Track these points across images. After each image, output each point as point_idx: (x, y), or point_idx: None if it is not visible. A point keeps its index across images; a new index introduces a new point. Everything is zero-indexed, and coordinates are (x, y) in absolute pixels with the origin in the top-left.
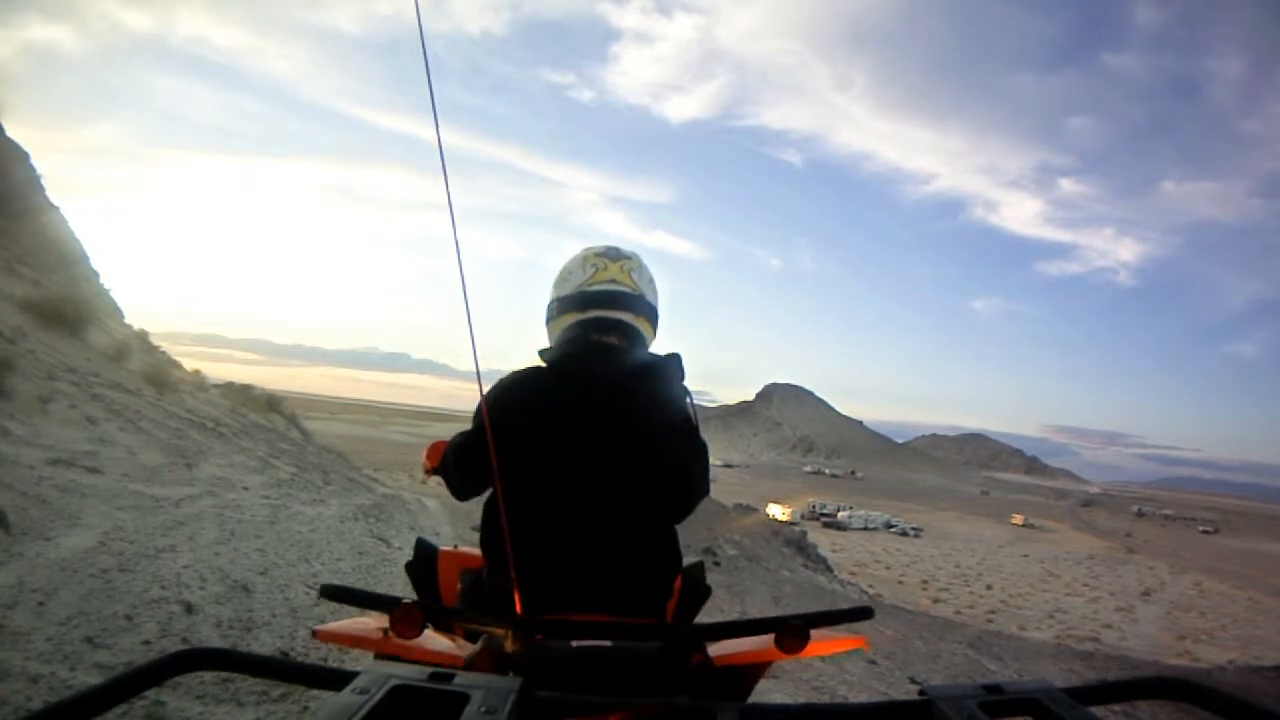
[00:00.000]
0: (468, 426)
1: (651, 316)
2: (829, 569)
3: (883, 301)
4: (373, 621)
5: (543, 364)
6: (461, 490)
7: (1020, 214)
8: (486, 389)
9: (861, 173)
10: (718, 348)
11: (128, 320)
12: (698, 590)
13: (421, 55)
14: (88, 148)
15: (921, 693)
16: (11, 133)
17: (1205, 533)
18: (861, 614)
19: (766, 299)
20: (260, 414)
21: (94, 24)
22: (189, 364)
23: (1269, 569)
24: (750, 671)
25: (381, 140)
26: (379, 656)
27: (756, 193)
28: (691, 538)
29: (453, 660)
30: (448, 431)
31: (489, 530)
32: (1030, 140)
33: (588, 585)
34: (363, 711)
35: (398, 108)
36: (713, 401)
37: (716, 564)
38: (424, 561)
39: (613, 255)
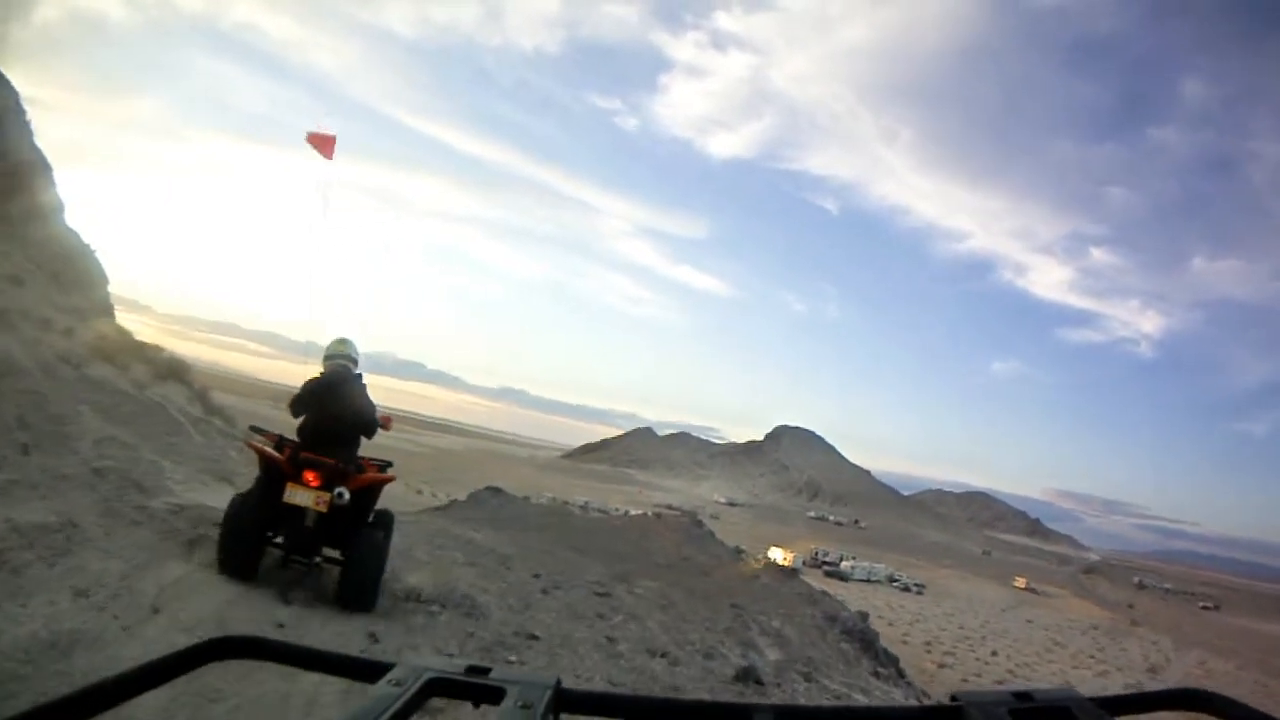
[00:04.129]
0: (468, 439)
1: (356, 359)
2: (901, 675)
3: (901, 354)
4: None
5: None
6: (294, 415)
7: (1048, 279)
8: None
9: (896, 226)
10: (732, 386)
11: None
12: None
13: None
14: (127, 119)
15: (954, 698)
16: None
17: (1206, 608)
18: None
19: (785, 342)
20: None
21: None
22: (201, 351)
23: (1271, 649)
24: None
25: (419, 146)
26: (265, 463)
27: (788, 236)
28: (713, 616)
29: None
30: (448, 443)
31: (300, 433)
32: (1066, 207)
33: (330, 453)
34: (399, 703)
35: (440, 115)
36: (721, 438)
37: (759, 684)
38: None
39: (341, 339)
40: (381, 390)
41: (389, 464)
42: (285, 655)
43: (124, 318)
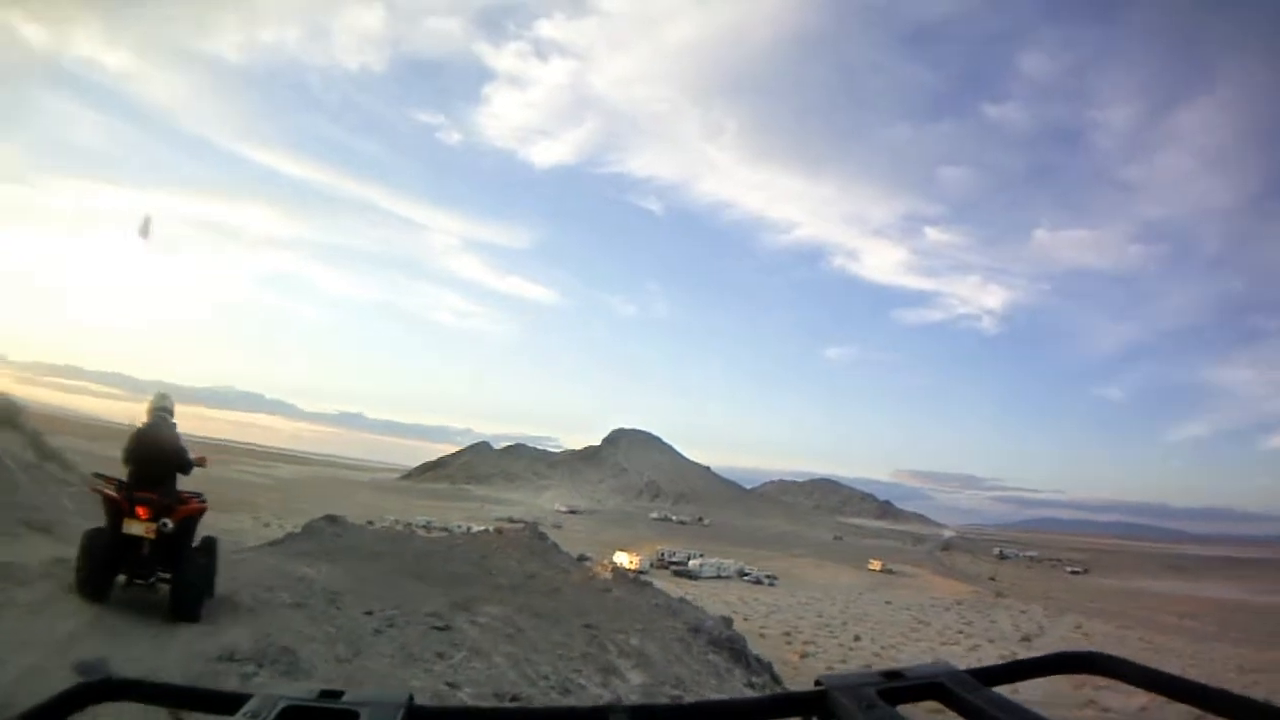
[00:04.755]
0: (310, 468)
1: (170, 410)
2: (776, 680)
3: (735, 349)
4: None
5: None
6: (123, 462)
7: (882, 262)
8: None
9: (722, 221)
10: (566, 394)
11: None
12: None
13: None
14: None
15: (818, 683)
16: None
17: (1075, 573)
18: None
19: (617, 346)
20: None
21: None
22: (49, 396)
23: (1150, 606)
24: None
25: (247, 173)
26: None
27: (615, 240)
28: (566, 640)
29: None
30: (292, 473)
31: (130, 475)
32: (900, 190)
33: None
34: None
35: (266, 140)
36: (558, 447)
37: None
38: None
39: (160, 394)
40: (224, 424)
41: (202, 495)
42: (147, 694)
43: None
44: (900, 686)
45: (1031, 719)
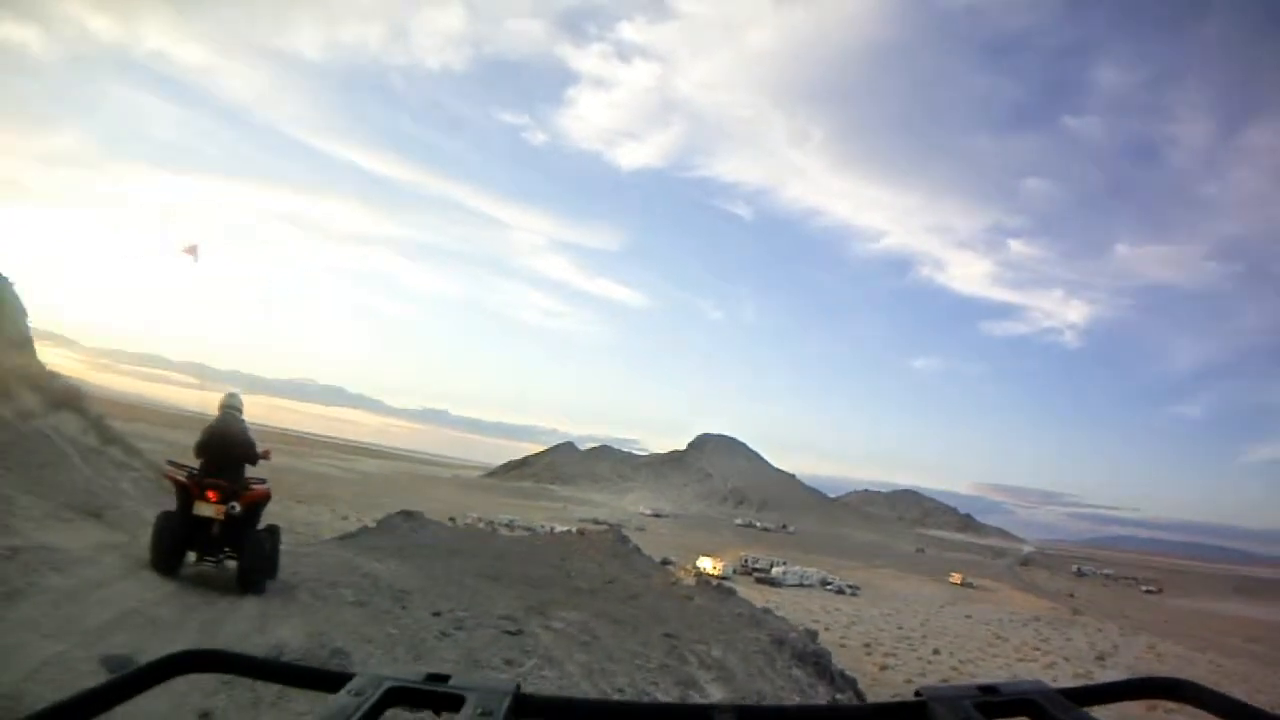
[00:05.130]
0: (393, 462)
1: (239, 408)
2: (860, 698)
3: (822, 357)
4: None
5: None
6: (196, 455)
7: (968, 274)
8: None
9: (810, 228)
10: (653, 397)
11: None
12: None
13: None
14: (47, 154)
15: (918, 694)
16: None
17: (1149, 592)
18: None
19: (705, 350)
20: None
21: (62, 28)
22: (128, 384)
23: (1220, 629)
24: None
25: (331, 170)
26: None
27: (703, 244)
28: (644, 650)
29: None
30: (374, 467)
31: (201, 465)
32: (984, 201)
33: (224, 478)
34: (359, 713)
35: (349, 137)
36: (643, 450)
37: None
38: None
39: (230, 393)
40: (309, 416)
41: (266, 481)
42: (247, 668)
43: (47, 352)
44: (995, 701)
45: None
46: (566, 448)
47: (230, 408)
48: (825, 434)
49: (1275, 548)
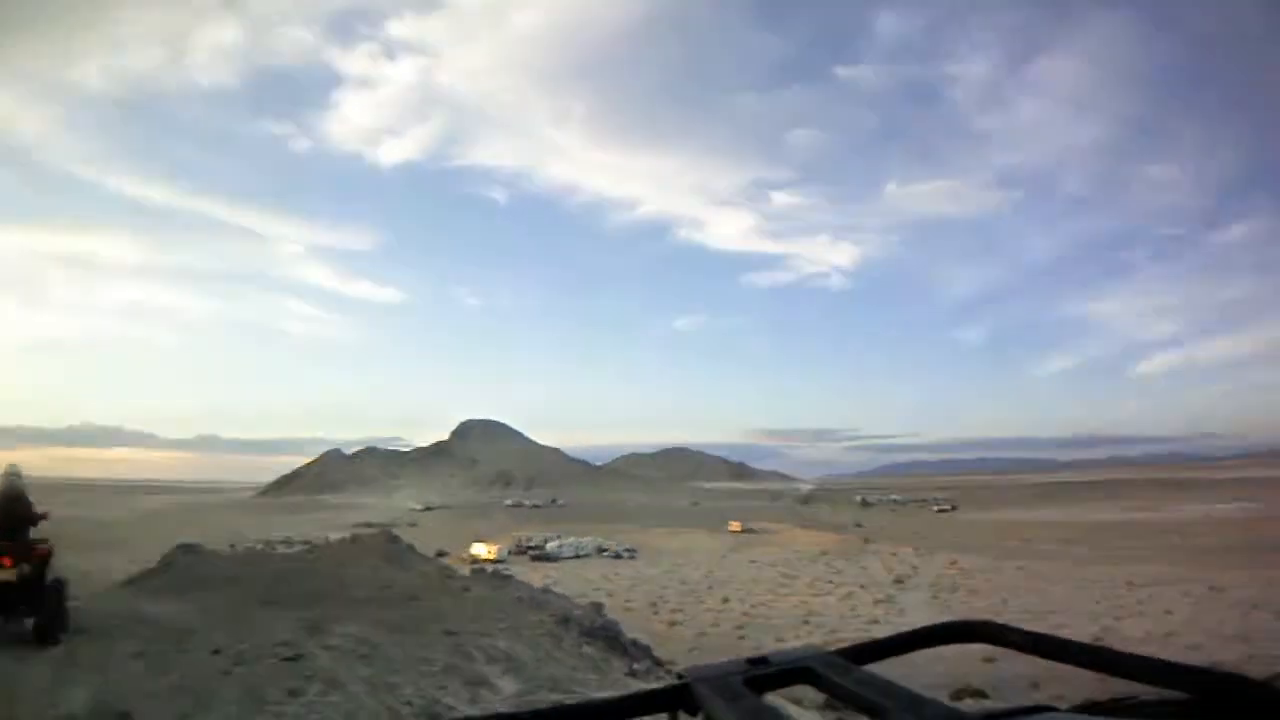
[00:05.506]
0: (173, 496)
1: (19, 474)
2: (658, 664)
3: (582, 330)
4: None
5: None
6: None
7: (729, 230)
8: None
9: (568, 205)
10: (415, 392)
11: None
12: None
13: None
14: None
15: (680, 675)
16: None
17: (942, 511)
18: None
19: (464, 339)
20: None
21: None
22: None
23: (1023, 537)
24: None
25: (102, 203)
26: None
27: (459, 234)
28: (427, 654)
29: None
30: (156, 504)
31: None
32: (746, 157)
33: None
34: None
35: (122, 168)
36: (407, 446)
37: None
38: None
39: (10, 465)
40: (87, 463)
41: (48, 541)
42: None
43: None
44: (766, 674)
45: (904, 695)
46: (334, 455)
47: (11, 474)
48: (591, 405)
49: (1075, 453)
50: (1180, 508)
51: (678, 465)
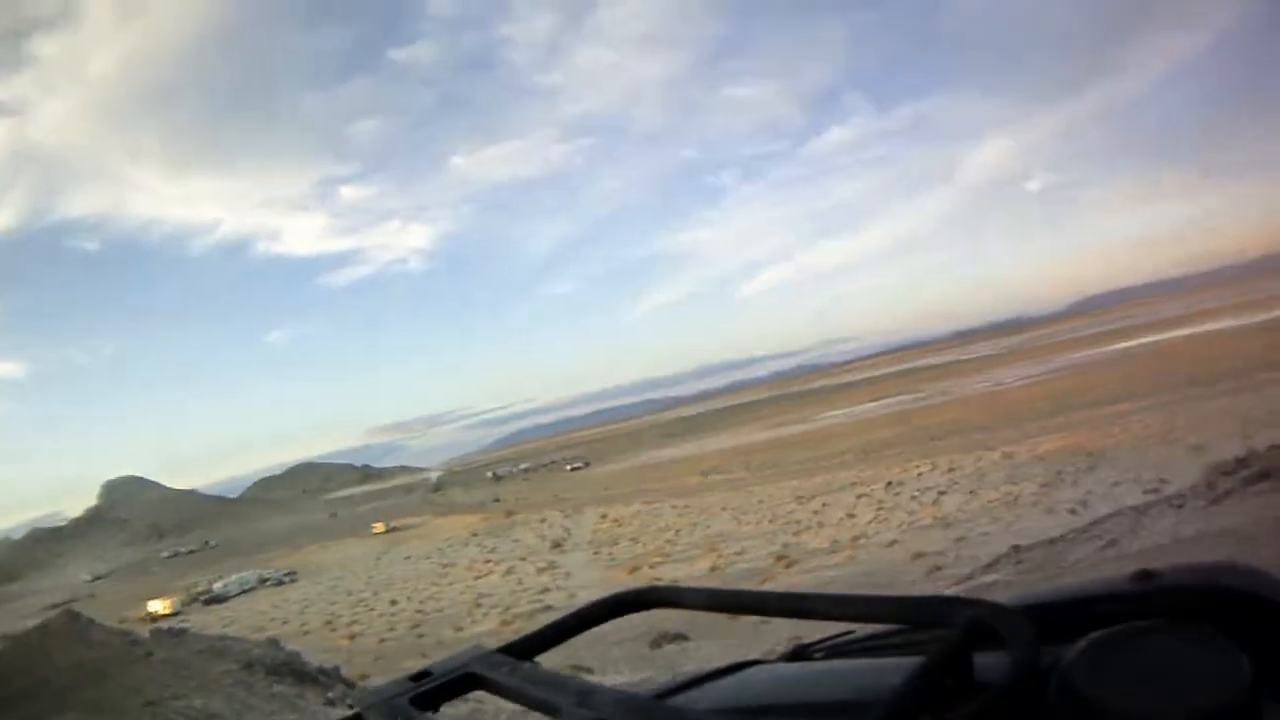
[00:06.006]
0: None
1: None
2: (350, 685)
3: (188, 364)
4: None
5: None
6: None
7: (302, 235)
8: None
9: (152, 239)
10: (52, 461)
11: None
12: None
13: None
14: None
15: (350, 705)
16: None
17: (576, 469)
18: None
19: (82, 398)
20: None
21: None
22: None
23: (667, 476)
24: None
25: None
26: None
27: (62, 292)
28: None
29: None
30: None
31: None
32: (314, 158)
33: None
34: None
35: None
36: (62, 520)
37: None
38: None
39: None
40: None
41: None
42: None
43: None
44: (432, 688)
45: (574, 687)
46: (3, 544)
47: None
48: (213, 439)
49: (700, 384)
50: (822, 415)
51: (308, 480)
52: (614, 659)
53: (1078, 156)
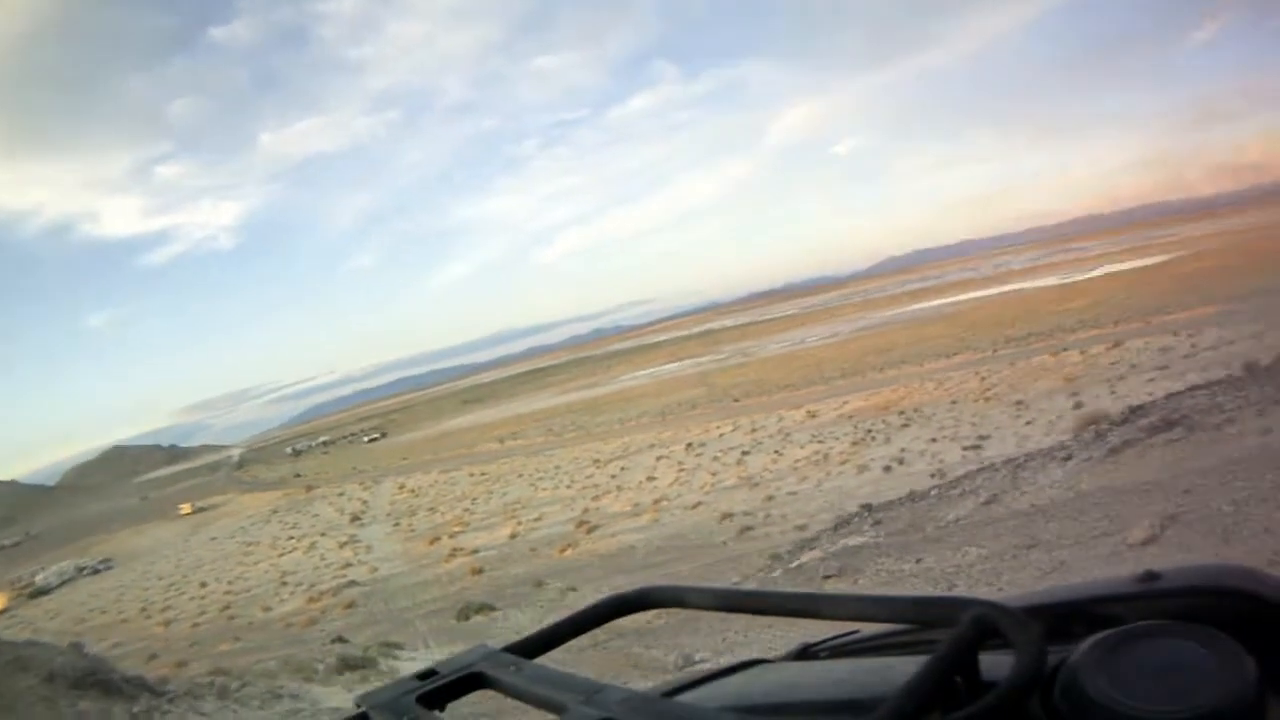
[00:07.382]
0: None
1: None
2: (157, 694)
3: (6, 354)
4: None
5: None
6: None
7: (121, 216)
8: None
9: None
10: None
11: None
12: None
13: None
14: None
15: (358, 704)
16: None
17: (373, 440)
18: None
19: None
20: None
21: None
22: None
23: (463, 444)
24: None
25: None
26: None
27: None
28: None
29: None
30: None
31: None
32: (132, 139)
33: None
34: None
35: None
36: None
37: None
38: None
39: None
40: None
41: None
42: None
43: None
44: (438, 687)
45: (581, 686)
46: None
47: None
48: (29, 426)
49: (496, 351)
50: (620, 378)
51: (119, 465)
52: (421, 633)
53: (887, 122)
